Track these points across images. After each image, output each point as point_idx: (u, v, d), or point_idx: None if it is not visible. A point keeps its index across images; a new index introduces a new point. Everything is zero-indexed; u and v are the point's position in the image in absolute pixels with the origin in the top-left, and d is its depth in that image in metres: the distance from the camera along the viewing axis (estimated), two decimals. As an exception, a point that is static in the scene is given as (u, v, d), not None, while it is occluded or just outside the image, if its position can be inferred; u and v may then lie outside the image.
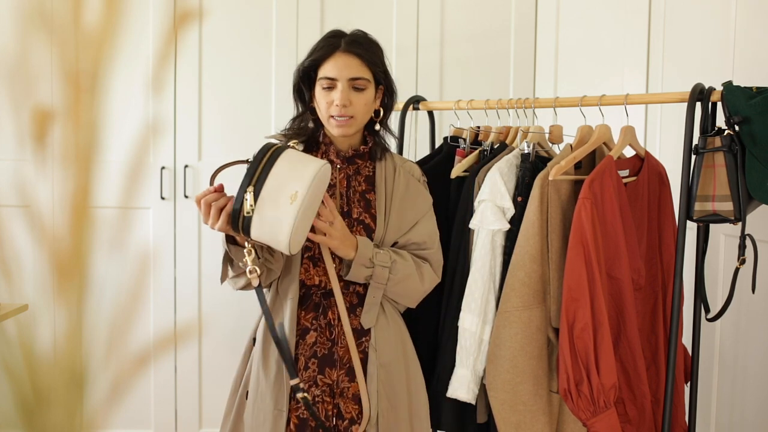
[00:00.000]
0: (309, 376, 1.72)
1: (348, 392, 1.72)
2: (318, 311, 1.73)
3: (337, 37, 1.74)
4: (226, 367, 1.87)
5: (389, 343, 1.76)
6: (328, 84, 1.71)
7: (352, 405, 1.72)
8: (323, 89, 1.72)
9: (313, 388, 1.71)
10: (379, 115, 1.81)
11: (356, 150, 1.79)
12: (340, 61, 1.70)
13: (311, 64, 1.74)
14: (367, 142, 1.81)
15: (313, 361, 1.72)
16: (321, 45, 1.74)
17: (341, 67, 1.70)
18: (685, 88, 1.86)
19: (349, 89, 1.71)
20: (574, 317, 1.76)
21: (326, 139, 1.78)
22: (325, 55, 1.71)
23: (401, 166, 1.84)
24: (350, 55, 1.71)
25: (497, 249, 1.92)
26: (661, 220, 2.00)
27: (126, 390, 0.51)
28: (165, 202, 2.91)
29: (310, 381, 1.72)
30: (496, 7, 3.03)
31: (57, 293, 0.49)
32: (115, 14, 0.48)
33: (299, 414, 1.71)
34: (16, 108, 0.48)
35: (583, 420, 1.79)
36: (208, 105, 2.93)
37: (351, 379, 1.73)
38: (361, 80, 1.71)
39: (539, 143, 2.01)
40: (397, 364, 1.78)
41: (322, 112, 1.74)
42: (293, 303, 1.72)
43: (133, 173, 0.52)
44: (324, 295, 1.74)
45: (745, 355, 2.26)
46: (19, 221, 0.49)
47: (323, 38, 1.76)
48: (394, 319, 1.80)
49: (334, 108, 1.70)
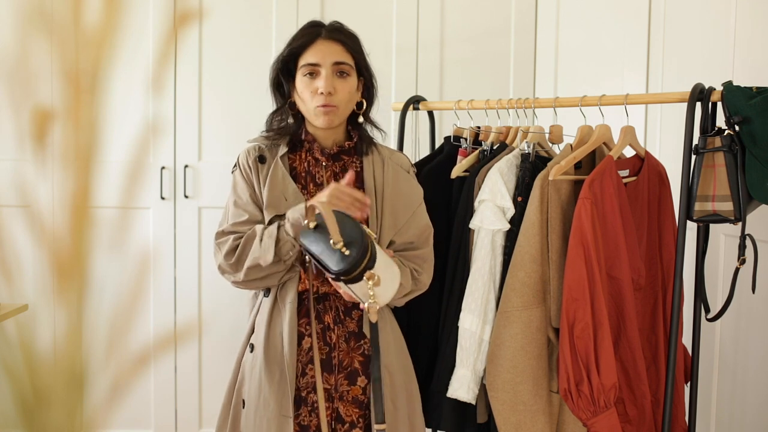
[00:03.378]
0: (307, 382, 1.69)
1: (348, 396, 1.70)
2: (310, 317, 1.68)
3: (317, 26, 1.72)
4: (226, 367, 1.86)
5: (389, 344, 1.74)
6: (311, 70, 1.67)
7: (352, 408, 1.70)
8: (305, 77, 1.68)
9: (312, 394, 1.69)
10: (362, 107, 1.76)
11: (341, 146, 1.75)
12: (323, 46, 1.67)
13: (291, 53, 1.69)
14: (352, 137, 1.77)
15: (310, 367, 1.69)
16: (300, 34, 1.71)
17: (325, 52, 1.67)
18: (685, 88, 1.86)
19: (333, 75, 1.67)
20: (574, 317, 1.76)
21: (309, 136, 1.74)
22: (307, 42, 1.68)
23: (389, 158, 1.78)
24: (332, 41, 1.69)
25: (497, 249, 1.92)
26: (661, 220, 2.00)
27: (126, 390, 0.51)
28: (165, 202, 2.91)
29: (309, 387, 1.69)
30: (496, 7, 3.03)
31: (57, 293, 0.49)
32: (115, 14, 0.48)
33: (300, 421, 1.69)
34: (16, 108, 0.48)
35: (583, 420, 1.79)
36: (208, 105, 2.93)
37: (350, 383, 1.71)
38: (345, 65, 1.68)
39: (539, 143, 2.01)
40: (398, 364, 1.76)
41: (306, 104, 1.70)
42: (292, 307, 1.68)
43: (133, 173, 0.52)
44: (317, 300, 1.70)
45: (745, 355, 2.26)
46: (19, 221, 0.49)
47: (301, 29, 1.73)
48: (390, 318, 1.78)
49: (318, 97, 1.66)
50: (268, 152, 1.74)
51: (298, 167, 1.75)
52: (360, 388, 1.71)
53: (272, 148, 1.74)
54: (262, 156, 1.73)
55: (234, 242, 1.67)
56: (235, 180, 1.75)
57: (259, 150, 1.74)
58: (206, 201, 2.91)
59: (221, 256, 1.68)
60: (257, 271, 1.64)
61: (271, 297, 1.71)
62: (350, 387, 1.71)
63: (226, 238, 1.69)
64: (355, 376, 1.71)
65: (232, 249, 1.66)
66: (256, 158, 1.73)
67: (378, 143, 1.81)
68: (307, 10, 2.94)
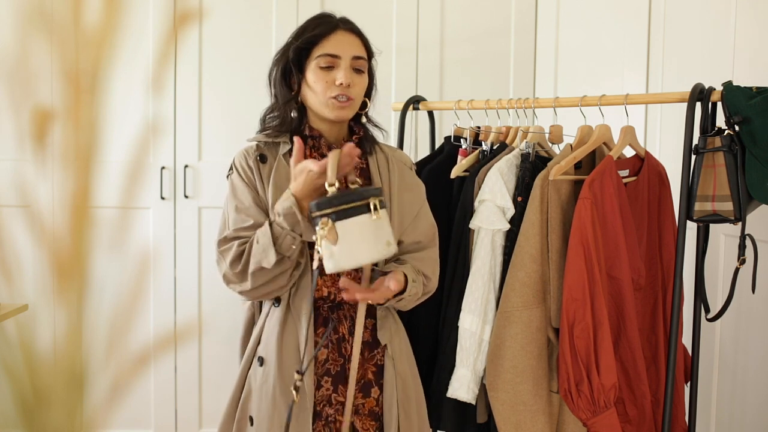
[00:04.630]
0: (323, 396, 1.61)
1: (363, 409, 1.64)
2: (327, 326, 1.61)
3: (331, 17, 1.65)
4: (226, 367, 1.86)
5: (402, 352, 1.70)
6: (329, 63, 1.59)
7: (369, 422, 1.64)
8: (321, 69, 1.60)
9: (327, 408, 1.61)
10: (365, 106, 1.71)
11: (347, 141, 1.67)
12: (344, 38, 1.61)
13: (308, 41, 1.61)
14: (355, 132, 1.70)
15: (326, 379, 1.61)
16: (315, 23, 1.63)
17: (344, 44, 1.60)
18: (685, 88, 1.86)
19: (351, 70, 1.60)
20: (574, 317, 1.76)
21: (314, 131, 1.65)
22: (325, 32, 1.60)
23: (392, 156, 1.74)
24: (351, 33, 1.63)
25: (497, 249, 1.92)
26: (661, 220, 2.00)
27: (126, 390, 0.51)
28: (165, 202, 2.91)
29: (324, 400, 1.61)
30: (496, 7, 3.03)
31: (57, 293, 0.49)
32: (115, 14, 0.48)
33: None
34: (16, 108, 0.48)
35: (583, 420, 1.79)
36: (208, 105, 2.93)
37: (365, 395, 1.64)
38: (362, 60, 1.63)
39: (539, 143, 2.01)
40: (410, 371, 1.71)
41: (318, 95, 1.60)
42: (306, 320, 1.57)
43: (133, 173, 0.52)
44: (331, 309, 1.63)
45: (745, 355, 2.26)
46: (19, 221, 0.49)
47: (315, 18, 1.65)
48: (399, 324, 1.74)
49: (335, 88, 1.58)
50: (268, 151, 1.65)
51: None
52: (374, 400, 1.65)
53: (272, 146, 1.66)
54: (263, 155, 1.64)
55: (239, 248, 1.55)
56: (234, 184, 1.63)
57: (258, 149, 1.65)
58: (206, 201, 2.91)
59: (226, 264, 1.56)
60: (263, 274, 1.52)
61: (282, 307, 1.61)
62: (365, 399, 1.64)
63: (230, 244, 1.57)
64: (369, 388, 1.65)
65: (237, 255, 1.55)
66: (256, 158, 1.63)
67: (379, 142, 1.78)
68: (307, 10, 2.93)
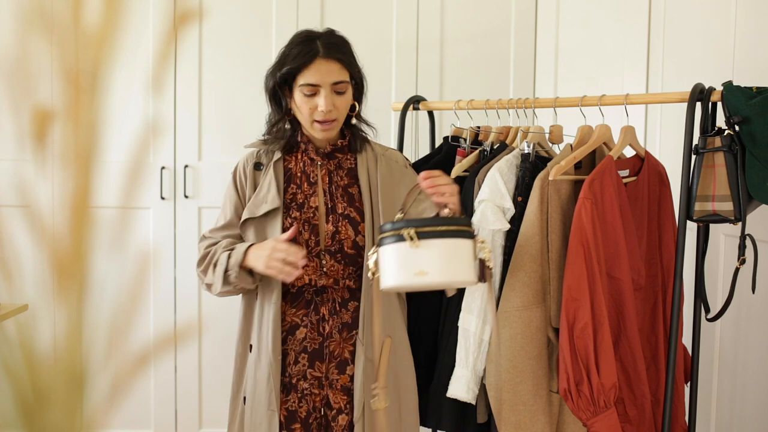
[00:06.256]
0: (299, 370, 1.77)
1: (337, 384, 1.77)
2: (309, 308, 1.77)
3: (311, 40, 1.72)
4: (226, 367, 1.87)
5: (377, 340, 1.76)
6: (311, 91, 1.71)
7: (340, 396, 1.77)
8: (305, 96, 1.72)
9: (301, 382, 1.77)
10: (355, 109, 1.81)
11: (334, 145, 1.80)
12: (322, 67, 1.70)
13: (290, 72, 1.72)
14: (345, 135, 1.82)
15: (303, 356, 1.77)
16: (297, 51, 1.72)
17: (324, 73, 1.70)
18: (685, 88, 1.86)
19: (332, 93, 1.71)
20: (574, 317, 1.76)
21: (304, 138, 1.80)
22: (306, 62, 1.70)
23: (383, 155, 1.84)
24: (331, 60, 1.71)
25: (497, 249, 1.92)
26: (661, 220, 2.00)
27: (126, 390, 0.51)
28: (165, 202, 2.91)
29: (299, 375, 1.77)
30: (496, 7, 3.03)
31: (57, 293, 0.49)
32: (115, 14, 0.48)
33: (288, 407, 1.76)
34: (16, 108, 0.48)
35: (583, 420, 1.79)
36: (208, 105, 2.93)
37: (340, 372, 1.77)
38: (343, 83, 1.73)
39: (539, 143, 2.01)
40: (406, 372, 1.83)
41: (304, 117, 1.74)
42: (275, 308, 1.75)
43: (133, 173, 0.52)
44: (316, 293, 1.77)
45: (745, 355, 2.26)
46: (19, 221, 0.49)
47: (296, 43, 1.74)
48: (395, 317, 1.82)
49: (318, 113, 1.71)
50: (265, 157, 1.83)
51: (293, 168, 1.81)
52: (348, 377, 1.77)
53: (268, 153, 1.82)
54: (259, 163, 1.82)
55: (206, 249, 1.80)
56: (227, 185, 1.85)
57: (256, 156, 1.83)
58: (206, 201, 2.91)
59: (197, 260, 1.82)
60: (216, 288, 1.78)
61: (259, 299, 1.81)
62: (340, 376, 1.77)
63: (203, 243, 1.84)
64: (344, 365, 1.77)
65: (203, 256, 1.81)
66: (253, 166, 1.82)
67: (372, 141, 1.87)
68: (307, 10, 2.94)
